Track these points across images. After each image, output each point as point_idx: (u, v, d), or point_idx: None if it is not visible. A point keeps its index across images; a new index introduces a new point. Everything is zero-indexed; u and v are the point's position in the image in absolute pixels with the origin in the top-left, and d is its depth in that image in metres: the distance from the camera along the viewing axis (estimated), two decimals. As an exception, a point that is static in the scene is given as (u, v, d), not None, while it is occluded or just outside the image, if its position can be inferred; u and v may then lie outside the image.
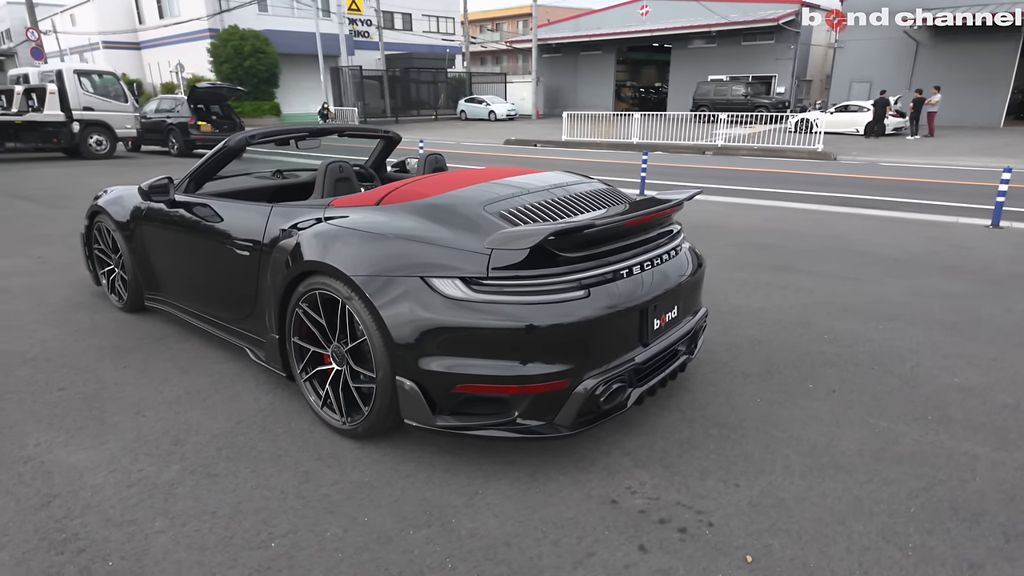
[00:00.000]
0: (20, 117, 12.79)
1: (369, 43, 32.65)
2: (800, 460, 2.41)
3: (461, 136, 22.38)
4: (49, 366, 3.24)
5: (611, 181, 10.95)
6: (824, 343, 3.56)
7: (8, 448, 2.48)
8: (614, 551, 1.93)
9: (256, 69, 28.42)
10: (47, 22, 39.15)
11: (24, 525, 2.03)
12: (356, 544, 1.96)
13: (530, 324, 2.11)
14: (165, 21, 33.04)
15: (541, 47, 34.11)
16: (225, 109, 15.70)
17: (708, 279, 4.69)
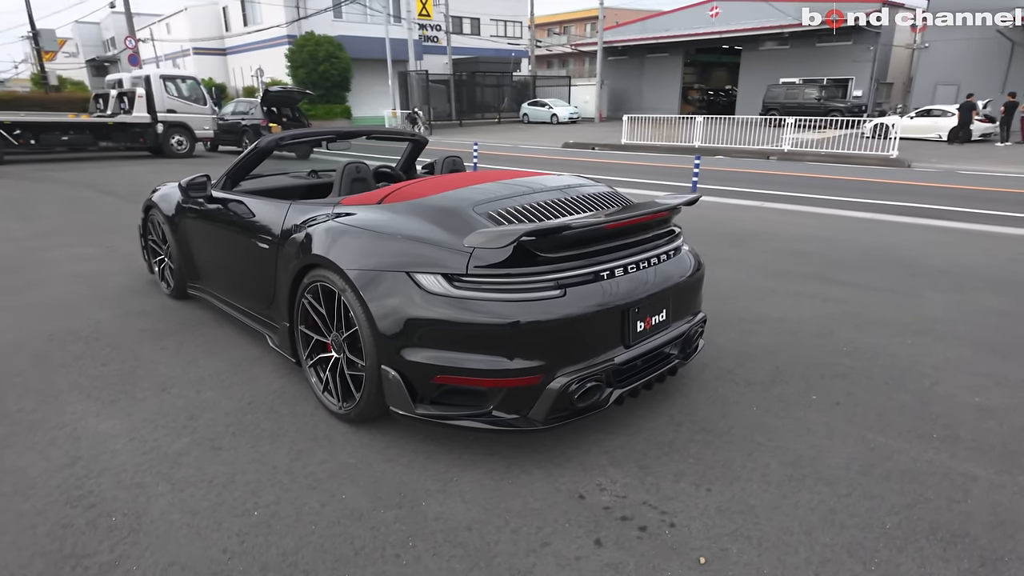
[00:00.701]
0: (112, 119, 13.93)
1: (437, 48, 33.43)
2: (781, 470, 2.38)
3: (520, 139, 22.58)
4: (98, 344, 3.58)
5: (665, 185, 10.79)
6: (841, 355, 3.45)
7: (50, 414, 2.78)
8: (569, 543, 1.99)
9: (329, 73, 29.66)
10: (146, 31, 42.23)
11: (49, 481, 2.29)
12: (329, 518, 2.10)
13: (504, 320, 2.20)
14: (248, 28, 34.95)
15: (607, 50, 33.90)
16: (295, 112, 16.51)
17: (734, 286, 4.67)
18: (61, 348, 3.52)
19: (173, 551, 1.94)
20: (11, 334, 3.73)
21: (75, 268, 5.23)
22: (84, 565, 1.88)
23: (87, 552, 1.93)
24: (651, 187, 10.40)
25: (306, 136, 3.69)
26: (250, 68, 34.90)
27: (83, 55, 50.15)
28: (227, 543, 1.98)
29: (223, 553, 1.94)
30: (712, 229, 6.92)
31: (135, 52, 23.47)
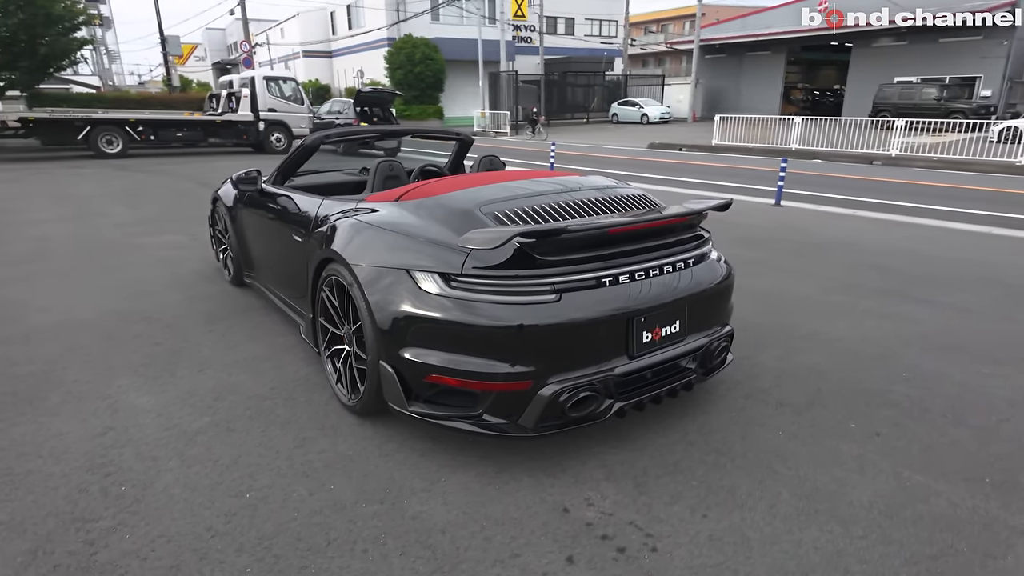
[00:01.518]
0: (220, 117, 15.09)
1: (529, 48, 33.62)
2: (792, 502, 2.18)
3: (605, 139, 22.25)
4: (158, 324, 3.88)
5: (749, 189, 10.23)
6: (897, 381, 3.13)
7: (99, 386, 3.04)
8: (540, 557, 1.92)
9: (424, 75, 30.60)
10: (263, 36, 45.48)
11: (80, 448, 2.50)
12: (313, 507, 2.15)
13: (495, 323, 2.16)
14: (352, 32, 36.74)
15: (704, 48, 32.71)
16: (385, 112, 17.12)
17: (795, 300, 4.36)
18: (126, 326, 3.84)
19: (165, 524, 2.06)
20: (90, 312, 4.11)
21: (162, 254, 5.70)
22: (87, 528, 2.03)
23: (93, 517, 2.09)
24: (729, 190, 9.92)
25: (349, 134, 3.81)
26: (352, 70, 36.66)
27: (210, 58, 54.74)
28: (214, 521, 2.07)
29: (207, 531, 2.03)
30: (790, 237, 6.50)
31: (249, 55, 25.29)
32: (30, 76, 17.41)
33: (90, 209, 8.11)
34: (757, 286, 4.75)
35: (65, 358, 3.37)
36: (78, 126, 13.88)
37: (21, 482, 2.28)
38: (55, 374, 3.17)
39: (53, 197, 9.13)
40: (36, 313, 4.09)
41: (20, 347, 3.52)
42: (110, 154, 14.19)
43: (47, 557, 1.90)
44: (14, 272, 5.09)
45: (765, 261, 5.52)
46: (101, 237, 6.43)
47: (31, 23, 16.05)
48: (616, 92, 35.51)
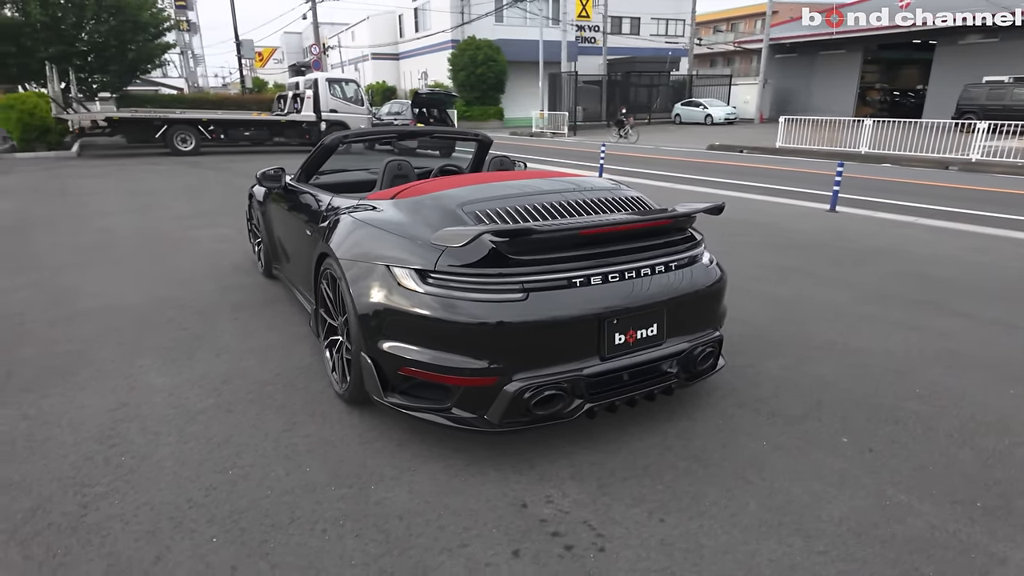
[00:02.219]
0: (285, 117, 15.81)
1: (592, 48, 33.44)
2: (757, 513, 2.13)
3: (665, 140, 21.83)
4: (188, 311, 4.14)
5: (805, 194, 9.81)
6: (909, 398, 2.97)
7: (124, 365, 3.29)
8: (487, 548, 1.97)
9: (486, 76, 30.97)
10: (335, 39, 47.23)
11: (95, 420, 2.73)
12: (286, 487, 2.27)
13: (462, 319, 2.21)
14: (419, 34, 37.59)
15: (774, 47, 31.57)
16: (442, 113, 17.48)
17: (820, 308, 4.20)
18: (161, 312, 4.13)
19: (152, 493, 2.23)
20: (134, 297, 4.44)
21: (209, 246, 6.07)
22: (83, 492, 2.22)
23: (91, 482, 2.28)
24: (784, 194, 9.57)
25: (368, 135, 3.95)
26: (417, 72, 37.52)
27: (287, 61, 57.36)
28: (195, 494, 2.22)
29: (187, 502, 2.18)
30: (834, 244, 6.23)
31: (318, 58, 26.34)
32: (119, 79, 18.78)
33: (155, 202, 8.70)
34: (781, 293, 4.60)
35: (101, 338, 3.66)
36: (156, 125, 14.89)
37: (38, 447, 2.51)
38: (89, 352, 3.46)
39: (126, 191, 9.84)
40: (86, 297, 4.45)
41: (65, 327, 3.85)
42: (184, 152, 15.14)
43: (43, 516, 2.10)
44: (77, 259, 5.55)
45: (798, 268, 5.32)
46: (158, 229, 6.90)
47: (121, 29, 17.34)
48: (681, 93, 34.80)
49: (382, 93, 36.57)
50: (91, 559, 1.90)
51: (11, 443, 2.55)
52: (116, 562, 1.89)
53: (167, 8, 19.63)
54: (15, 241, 6.35)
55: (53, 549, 1.95)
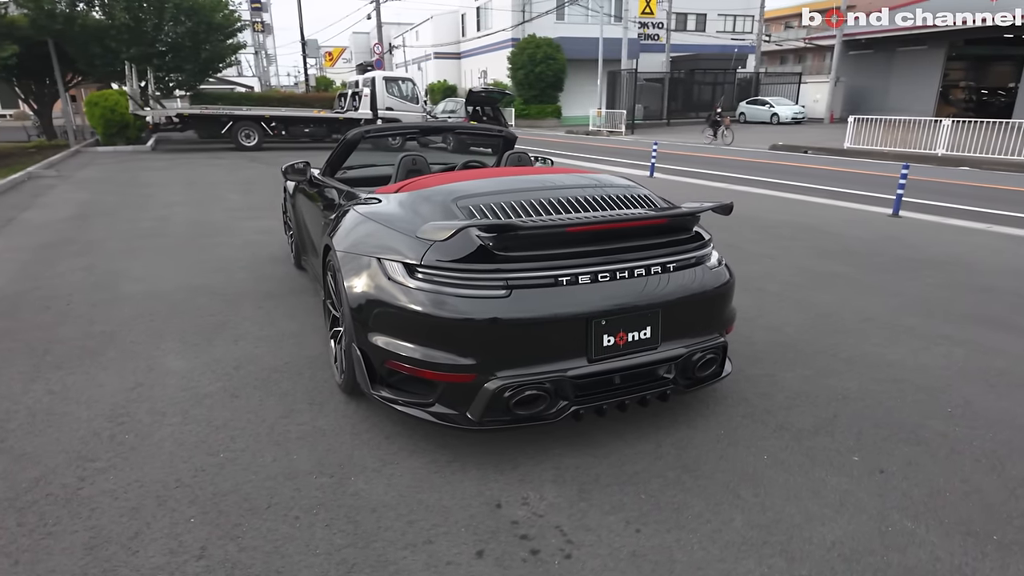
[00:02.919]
0: (343, 114, 16.25)
1: (655, 46, 32.81)
2: (743, 530, 2.01)
3: (725, 139, 21.14)
4: (219, 299, 4.31)
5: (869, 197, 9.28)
6: (937, 417, 2.75)
7: (148, 348, 3.45)
8: (452, 547, 1.94)
9: (545, 74, 30.88)
10: (400, 39, 48.25)
11: (110, 398, 2.87)
12: (270, 473, 2.31)
13: (444, 314, 2.19)
14: (480, 33, 37.88)
15: (848, 43, 30.03)
16: (495, 111, 17.47)
17: (856, 319, 3.97)
18: (193, 299, 4.31)
19: (145, 470, 2.31)
20: (170, 284, 4.66)
21: (252, 237, 6.30)
22: (84, 466, 2.34)
23: (93, 457, 2.40)
24: (847, 197, 9.08)
25: (388, 131, 3.99)
26: (477, 70, 37.84)
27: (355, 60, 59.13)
28: (183, 474, 2.30)
29: (175, 481, 2.25)
30: (889, 250, 5.86)
31: (380, 57, 26.96)
32: (193, 77, 19.80)
33: (212, 194, 9.12)
34: (820, 300, 4.35)
35: (134, 321, 3.86)
36: (222, 121, 15.63)
37: (55, 421, 2.66)
38: (120, 334, 3.64)
39: (188, 183, 10.36)
40: (129, 282, 4.70)
41: (104, 309, 4.08)
42: (247, 147, 15.82)
43: (44, 486, 2.22)
44: (129, 246, 5.87)
45: (844, 274, 5.03)
46: (209, 219, 7.22)
47: (195, 31, 18.26)
48: (747, 91, 33.67)
49: (442, 92, 37.07)
50: (76, 531, 1.99)
51: (32, 416, 2.71)
52: (97, 535, 1.97)
53: (238, 10, 20.52)
54: (81, 228, 6.79)
55: (45, 519, 2.05)
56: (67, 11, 16.27)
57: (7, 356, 3.33)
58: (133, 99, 15.30)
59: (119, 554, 1.89)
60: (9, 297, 4.36)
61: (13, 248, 5.85)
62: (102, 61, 16.99)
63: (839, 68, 29.56)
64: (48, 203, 8.41)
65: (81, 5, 16.85)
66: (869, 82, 31.11)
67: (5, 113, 32.40)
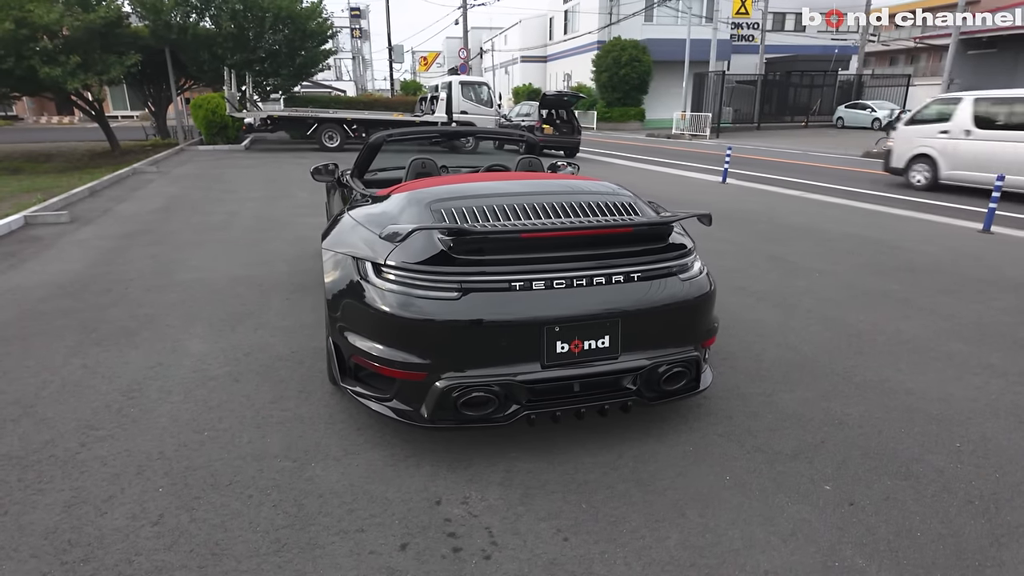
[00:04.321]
0: (420, 118, 16.80)
1: (747, 47, 31.58)
2: (674, 550, 1.95)
3: (815, 145, 19.98)
4: (255, 289, 4.62)
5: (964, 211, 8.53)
6: (939, 452, 2.52)
7: (178, 331, 3.76)
8: (380, 537, 2.01)
9: (629, 77, 30.41)
10: (490, 43, 49.15)
11: (130, 375, 3.16)
12: (241, 453, 2.48)
13: (401, 313, 2.27)
14: (566, 36, 37.88)
15: (967, 42, 27.56)
16: (569, 114, 17.50)
17: (891, 343, 3.74)
18: (232, 287, 4.64)
19: (136, 442, 2.55)
20: (218, 274, 5.04)
21: (303, 232, 6.67)
22: (88, 434, 2.60)
23: (99, 426, 2.66)
24: (940, 211, 8.37)
25: (411, 134, 4.13)
26: (562, 74, 37.86)
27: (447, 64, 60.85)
28: (167, 448, 2.51)
29: (158, 454, 2.47)
30: (960, 269, 5.38)
31: (465, 62, 27.60)
32: (288, 81, 21.11)
33: (283, 191, 9.71)
34: (855, 320, 4.08)
35: (175, 306, 4.22)
36: (309, 123, 16.57)
37: (78, 392, 2.97)
38: (159, 317, 4.00)
39: (267, 180, 11.09)
40: (185, 270, 5.13)
41: (155, 294, 4.48)
42: (330, 148, 16.69)
43: (51, 448, 2.49)
44: (197, 238, 6.39)
45: (894, 293, 4.67)
46: (272, 215, 7.71)
47: (291, 37, 19.47)
48: (848, 94, 31.65)
49: (526, 95, 37.37)
50: (62, 490, 2.23)
51: (63, 386, 3.04)
52: (78, 495, 2.20)
53: (331, 18, 21.66)
54: (162, 219, 7.45)
55: (42, 477, 2.31)
56: (181, 22, 17.83)
57: (61, 331, 3.75)
58: (230, 102, 16.53)
59: (89, 514, 2.10)
60: (83, 279, 4.88)
61: (101, 236, 6.51)
62: (210, 67, 18.47)
63: (955, 69, 27.13)
64: (142, 196, 9.28)
65: (193, 16, 18.40)
66: (989, 84, 28.27)
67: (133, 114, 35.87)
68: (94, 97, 15.72)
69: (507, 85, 44.57)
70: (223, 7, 18.14)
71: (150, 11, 17.15)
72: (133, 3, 17.14)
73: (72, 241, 6.26)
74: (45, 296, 4.44)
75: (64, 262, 5.41)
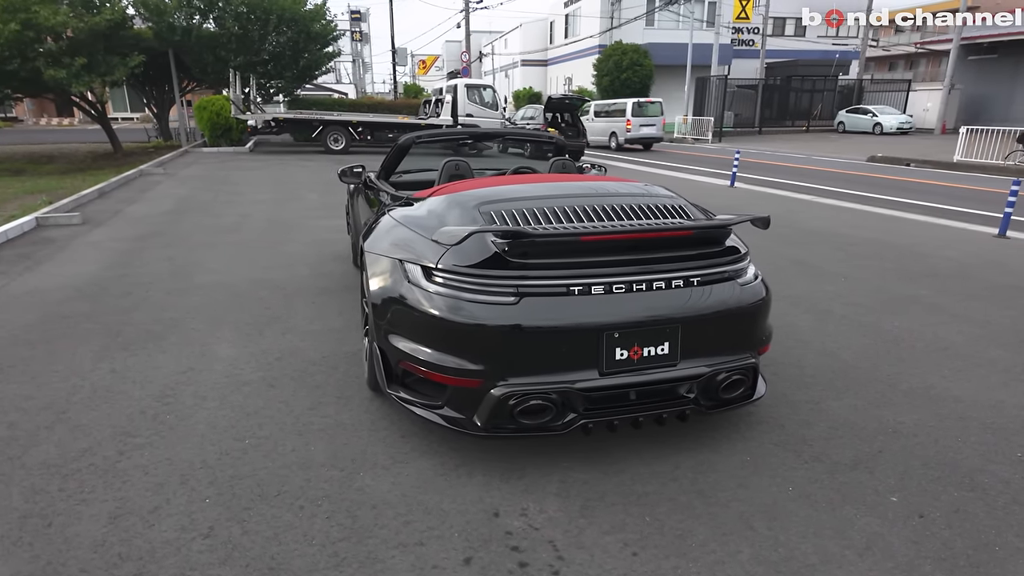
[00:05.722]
0: (425, 120, 16.76)
1: (748, 52, 31.63)
2: (748, 565, 1.89)
3: (818, 150, 20.00)
4: (278, 292, 4.54)
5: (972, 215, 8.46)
6: (1002, 462, 2.46)
7: (205, 335, 3.69)
8: (441, 551, 1.94)
9: (631, 81, 30.40)
10: (490, 46, 49.17)
11: (162, 380, 3.09)
12: (286, 462, 2.41)
13: (454, 317, 2.20)
14: (567, 40, 37.91)
15: (967, 47, 27.68)
16: (573, 117, 17.51)
17: (929, 349, 3.69)
18: (255, 291, 4.57)
19: (176, 450, 2.47)
20: (238, 277, 4.96)
21: (320, 235, 6.61)
22: (126, 442, 2.53)
23: (135, 433, 2.59)
24: (944, 214, 8.34)
25: (439, 136, 4.07)
26: (563, 78, 37.87)
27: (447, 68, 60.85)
28: (209, 456, 2.43)
29: (201, 462, 2.39)
30: (985, 275, 5.33)
31: (467, 65, 27.58)
32: (292, 84, 21.06)
33: (293, 194, 9.64)
34: (890, 326, 4.02)
35: (198, 310, 4.14)
36: (313, 126, 16.51)
37: (111, 398, 2.90)
38: (184, 321, 3.92)
39: (275, 182, 11.02)
40: (203, 273, 5.05)
41: (176, 297, 4.40)
42: (335, 151, 16.63)
43: (89, 456, 2.42)
44: (211, 240, 6.32)
45: (923, 299, 4.62)
46: (285, 217, 7.64)
47: (296, 39, 19.41)
48: (849, 99, 31.74)
49: (527, 98, 37.35)
50: (106, 500, 2.16)
51: (94, 392, 2.97)
52: (123, 506, 2.12)
53: (335, 20, 21.63)
54: (174, 221, 7.37)
55: (84, 486, 2.23)
56: (185, 24, 17.76)
57: (85, 335, 3.67)
58: (235, 104, 16.46)
59: (137, 525, 2.03)
60: (100, 282, 4.80)
61: (114, 238, 6.43)
62: (213, 69, 18.40)
63: (955, 74, 27.25)
64: (151, 198, 9.20)
65: (197, 17, 18.33)
66: (991, 90, 28.53)
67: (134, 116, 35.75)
68: (96, 99, 15.63)
69: (507, 89, 44.57)
70: (227, 9, 18.09)
71: (154, 13, 17.09)
72: (136, 5, 17.08)
73: (86, 243, 6.18)
74: (63, 299, 4.36)
75: (80, 264, 5.33)
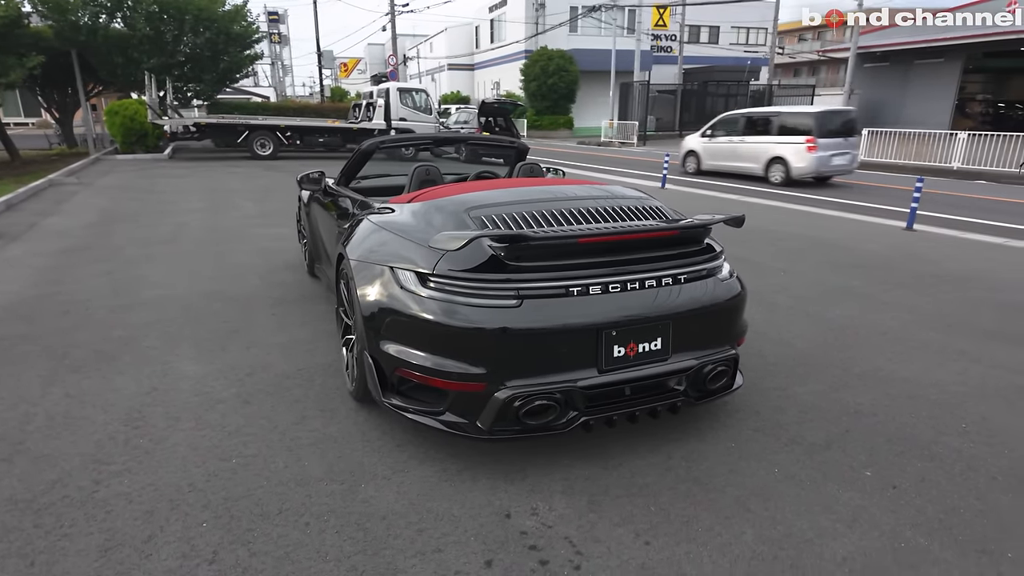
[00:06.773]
0: (357, 125, 16.42)
1: (667, 58, 32.92)
2: (752, 544, 2.00)
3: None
4: (232, 304, 4.36)
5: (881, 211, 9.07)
6: (952, 434, 2.72)
7: (163, 353, 3.49)
8: (461, 556, 1.94)
9: (557, 86, 31.00)
10: (415, 50, 48.72)
11: (125, 402, 2.90)
12: (281, 479, 2.33)
13: (455, 323, 2.21)
14: (493, 45, 38.17)
15: (864, 55, 29.86)
16: (507, 122, 17.58)
17: (870, 334, 3.95)
18: (207, 304, 4.36)
19: (159, 474, 2.34)
20: (183, 290, 4.72)
21: (265, 244, 6.37)
22: (99, 469, 2.37)
23: (109, 460, 2.43)
24: (858, 210, 9.01)
25: (403, 141, 4.04)
26: (490, 82, 38.09)
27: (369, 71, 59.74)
28: (197, 479, 2.32)
29: (189, 486, 2.28)
30: (904, 264, 5.81)
31: (394, 68, 27.24)
32: (211, 87, 20.10)
33: (227, 202, 9.23)
34: (832, 315, 4.32)
35: (150, 326, 3.91)
36: (239, 130, 15.83)
37: (71, 424, 2.70)
38: (136, 339, 3.69)
39: (205, 191, 10.50)
40: (147, 288, 4.77)
41: (123, 314, 4.14)
42: (263, 156, 16.01)
43: (61, 488, 2.25)
44: (149, 252, 5.96)
45: (856, 289, 4.99)
46: (225, 227, 7.31)
47: (215, 41, 18.56)
48: (760, 103, 33.61)
49: (454, 102, 37.32)
50: (91, 533, 2.02)
51: (50, 419, 2.75)
52: (112, 537, 2.00)
53: (256, 22, 20.83)
54: (102, 234, 6.90)
55: (62, 520, 2.08)
56: (90, 23, 16.60)
57: (26, 359, 3.39)
58: (152, 108, 15.56)
59: (132, 557, 1.91)
60: (29, 301, 4.44)
61: (35, 253, 5.95)
62: (124, 71, 17.31)
63: (854, 81, 29.42)
64: (70, 210, 8.56)
65: (103, 17, 17.17)
66: (885, 95, 30.96)
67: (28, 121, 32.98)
68: (-8, 102, 14.36)
69: (435, 92, 44.34)
70: (137, 8, 17.06)
71: (54, 10, 15.89)
72: (34, 2, 15.82)
73: (2, 259, 5.68)
74: (-8, 321, 4.01)
75: (1, 283, 4.90)
